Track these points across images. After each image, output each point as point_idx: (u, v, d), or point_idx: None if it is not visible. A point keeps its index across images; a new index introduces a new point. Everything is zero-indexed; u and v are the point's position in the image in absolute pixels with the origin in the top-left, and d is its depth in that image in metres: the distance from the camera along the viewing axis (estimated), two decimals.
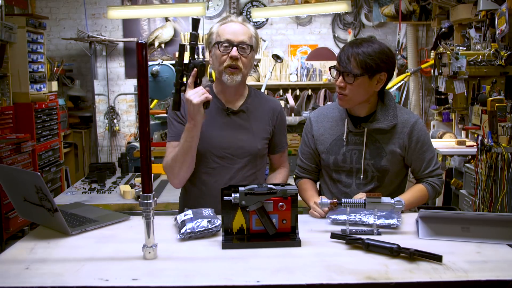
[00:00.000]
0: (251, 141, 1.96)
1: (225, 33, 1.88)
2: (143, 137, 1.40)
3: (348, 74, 1.80)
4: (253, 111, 1.99)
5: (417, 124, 1.91)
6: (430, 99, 5.74)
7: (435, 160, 1.95)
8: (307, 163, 2.05)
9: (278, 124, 2.05)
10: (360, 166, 1.91)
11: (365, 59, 1.77)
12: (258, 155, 1.99)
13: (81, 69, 6.08)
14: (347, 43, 1.86)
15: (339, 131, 1.96)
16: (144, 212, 1.40)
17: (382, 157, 1.89)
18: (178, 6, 5.51)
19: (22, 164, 4.15)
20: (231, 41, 1.87)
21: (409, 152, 1.91)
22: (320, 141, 1.99)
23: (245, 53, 1.89)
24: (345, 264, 1.36)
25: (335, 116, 1.99)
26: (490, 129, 2.87)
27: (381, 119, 1.89)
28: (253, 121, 1.98)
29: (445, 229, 1.57)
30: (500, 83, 3.50)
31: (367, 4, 5.83)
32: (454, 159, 4.14)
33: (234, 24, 1.91)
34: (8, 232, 3.91)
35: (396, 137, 1.90)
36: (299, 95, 5.72)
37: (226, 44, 1.87)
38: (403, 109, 1.97)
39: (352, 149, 1.92)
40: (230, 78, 1.89)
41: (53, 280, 1.28)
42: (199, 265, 1.37)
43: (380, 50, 1.79)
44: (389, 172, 1.91)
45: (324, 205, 1.65)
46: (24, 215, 1.81)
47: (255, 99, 2.03)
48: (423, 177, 1.95)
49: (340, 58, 1.83)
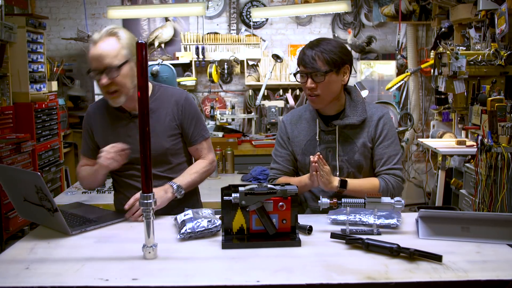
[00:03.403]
0: (156, 142, 1.91)
1: (91, 60, 1.82)
2: (143, 137, 1.40)
3: (317, 73, 1.83)
4: (156, 110, 1.96)
5: (384, 117, 1.94)
6: (430, 99, 5.73)
7: (397, 160, 1.93)
8: (284, 165, 2.03)
9: (185, 116, 1.98)
10: (336, 163, 1.93)
11: (329, 56, 1.83)
12: (169, 153, 1.98)
13: (81, 69, 6.07)
14: (305, 46, 1.90)
15: (312, 131, 1.98)
16: (144, 212, 1.41)
17: (354, 152, 1.92)
18: (178, 6, 5.51)
19: (22, 164, 4.15)
20: (97, 69, 1.81)
21: (374, 145, 1.93)
22: (295, 143, 2.01)
23: (114, 75, 1.81)
24: (345, 264, 1.36)
25: (307, 118, 2.01)
26: (490, 129, 2.87)
27: (350, 115, 1.93)
28: (156, 121, 1.95)
29: (445, 229, 1.57)
30: (500, 83, 3.50)
31: (367, 4, 5.83)
32: (454, 159, 4.14)
33: (96, 48, 1.80)
34: (8, 232, 3.91)
35: (365, 131, 1.93)
36: (299, 95, 5.72)
37: (96, 73, 1.82)
38: (372, 104, 2.01)
39: (326, 148, 1.95)
40: (113, 102, 1.88)
41: (52, 280, 1.28)
42: (199, 265, 1.37)
43: (338, 45, 1.87)
44: (363, 167, 1.93)
45: (324, 204, 1.65)
46: (24, 215, 1.81)
47: (159, 96, 1.99)
48: (380, 172, 1.93)
49: (304, 61, 1.86)
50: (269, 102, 5.33)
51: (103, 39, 1.81)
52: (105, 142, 1.93)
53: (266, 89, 5.34)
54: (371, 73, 5.72)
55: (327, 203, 1.65)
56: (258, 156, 4.19)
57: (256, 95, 5.36)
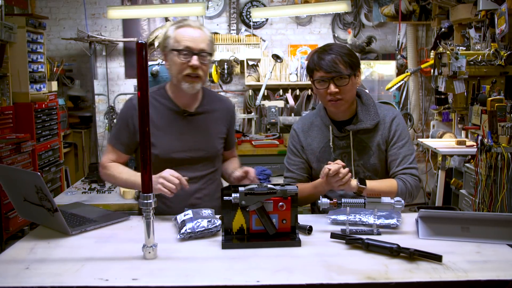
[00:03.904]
0: (210, 142, 1.97)
1: (184, 40, 1.81)
2: (143, 137, 1.40)
3: (340, 77, 1.82)
4: (209, 112, 1.99)
5: (397, 118, 1.95)
6: (430, 99, 5.73)
7: (412, 159, 1.92)
8: (299, 173, 2.01)
9: (231, 123, 2.10)
10: (352, 168, 1.92)
11: (349, 58, 1.84)
12: (217, 155, 2.02)
13: (81, 69, 6.07)
14: (317, 53, 1.87)
15: (325, 138, 1.97)
16: (144, 212, 1.41)
17: (370, 155, 1.91)
18: (178, 6, 5.51)
19: (22, 164, 4.14)
20: (191, 49, 1.81)
21: (388, 146, 1.93)
22: (309, 151, 1.99)
23: (205, 61, 1.85)
24: (345, 264, 1.36)
25: (319, 124, 2.00)
26: (490, 129, 2.87)
27: (363, 119, 1.92)
28: (210, 122, 1.98)
29: (445, 229, 1.57)
30: (500, 83, 3.50)
31: (367, 4, 5.83)
32: (454, 159, 4.14)
33: (193, 30, 1.84)
34: (8, 232, 3.91)
35: (379, 134, 1.92)
36: (299, 95, 5.72)
37: (186, 52, 1.81)
38: (383, 106, 2.00)
39: (341, 153, 1.94)
40: (190, 87, 1.87)
41: (52, 280, 1.28)
42: (199, 265, 1.37)
43: (347, 49, 1.90)
44: (379, 170, 1.93)
45: (324, 205, 1.65)
46: (24, 215, 1.81)
47: (209, 99, 2.02)
48: (396, 172, 1.91)
49: (323, 66, 1.82)
50: (269, 102, 5.32)
51: (200, 28, 1.86)
52: (155, 138, 1.87)
53: (266, 89, 5.34)
54: (371, 73, 5.72)
55: (327, 203, 1.65)
56: (258, 156, 4.19)
57: (256, 95, 5.36)
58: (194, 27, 1.85)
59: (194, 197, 1.95)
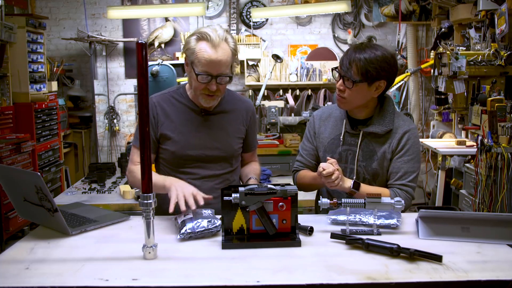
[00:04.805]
0: (227, 141, 1.97)
1: (204, 63, 1.78)
2: (143, 137, 1.40)
3: (348, 79, 1.82)
4: (228, 111, 2.00)
5: (410, 132, 1.90)
6: (430, 99, 5.73)
7: (412, 178, 1.88)
8: (307, 159, 2.07)
9: (251, 124, 2.07)
10: (354, 167, 1.92)
11: (366, 66, 1.78)
12: (234, 155, 2.01)
13: (81, 69, 6.07)
14: (352, 47, 1.85)
15: (338, 130, 1.98)
16: (144, 212, 1.40)
17: (373, 160, 1.90)
18: (178, 6, 5.51)
19: (22, 164, 4.15)
20: (210, 73, 1.80)
21: (393, 156, 1.90)
22: (320, 139, 2.02)
23: (223, 82, 1.84)
24: (345, 264, 1.36)
25: (337, 116, 2.01)
26: (490, 129, 2.87)
27: (376, 123, 1.90)
28: (228, 121, 1.99)
29: (445, 229, 1.57)
30: (500, 83, 3.50)
31: (367, 4, 5.83)
32: (454, 159, 4.14)
33: (213, 50, 1.77)
34: (8, 232, 3.91)
35: (388, 142, 1.90)
36: (299, 95, 5.72)
37: (204, 75, 1.80)
38: (402, 116, 1.96)
39: (347, 149, 1.95)
40: (206, 103, 1.88)
41: (52, 280, 1.28)
42: (199, 265, 1.37)
43: (382, 58, 1.79)
44: (379, 176, 1.92)
45: (324, 204, 1.65)
46: (24, 215, 1.81)
47: (229, 99, 2.02)
48: (393, 185, 1.89)
49: (342, 62, 1.85)
50: (269, 102, 5.32)
51: (221, 45, 1.78)
52: (172, 133, 1.90)
53: (266, 89, 5.34)
54: None
55: (327, 203, 1.65)
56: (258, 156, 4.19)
57: (256, 95, 5.36)
58: (215, 43, 1.77)
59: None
